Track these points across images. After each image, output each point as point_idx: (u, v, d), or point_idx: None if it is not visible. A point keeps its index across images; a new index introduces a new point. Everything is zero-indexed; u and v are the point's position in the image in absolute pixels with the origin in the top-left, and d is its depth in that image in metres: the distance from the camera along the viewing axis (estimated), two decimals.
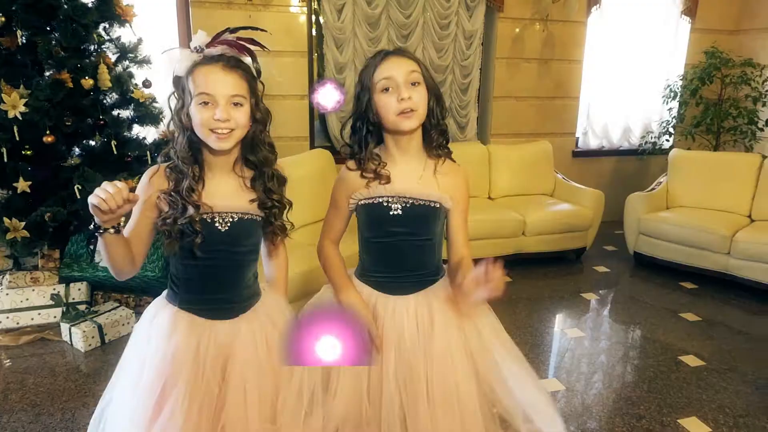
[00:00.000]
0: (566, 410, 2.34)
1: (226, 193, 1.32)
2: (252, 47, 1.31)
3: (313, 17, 4.18)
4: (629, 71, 5.01)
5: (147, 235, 1.30)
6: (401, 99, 1.30)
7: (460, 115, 4.62)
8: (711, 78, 4.60)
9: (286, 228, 1.41)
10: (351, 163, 1.43)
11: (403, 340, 1.37)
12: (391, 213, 1.38)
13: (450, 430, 1.32)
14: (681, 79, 4.91)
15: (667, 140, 5.11)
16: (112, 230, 1.14)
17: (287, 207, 1.40)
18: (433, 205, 1.38)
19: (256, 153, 1.32)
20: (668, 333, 3.09)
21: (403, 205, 1.37)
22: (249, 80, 1.26)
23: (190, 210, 1.25)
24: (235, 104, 1.22)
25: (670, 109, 4.99)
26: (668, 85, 4.92)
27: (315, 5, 4.14)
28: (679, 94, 4.85)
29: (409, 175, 1.39)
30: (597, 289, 3.75)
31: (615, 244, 4.62)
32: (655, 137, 5.08)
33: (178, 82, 1.23)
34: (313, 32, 4.21)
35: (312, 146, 4.32)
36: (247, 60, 1.29)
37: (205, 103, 1.20)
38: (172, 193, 1.26)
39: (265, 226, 1.38)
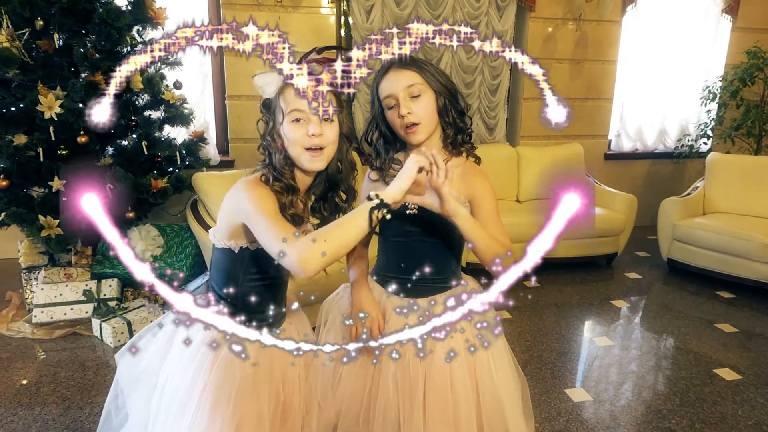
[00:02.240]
0: (593, 421, 2.28)
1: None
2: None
3: (342, 18, 4.19)
4: (666, 72, 4.87)
5: None
6: (400, 116, 1.31)
7: (488, 116, 4.56)
8: (753, 79, 4.44)
9: None
10: (373, 174, 1.46)
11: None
12: (407, 212, 1.38)
13: None
14: (721, 80, 4.75)
15: (705, 143, 4.95)
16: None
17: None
18: None
19: (339, 170, 1.29)
20: (702, 344, 2.98)
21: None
22: (336, 96, 1.20)
23: (307, 224, 1.27)
24: (325, 119, 1.19)
25: (708, 111, 4.83)
26: (707, 86, 4.76)
27: (344, 6, 4.15)
28: (718, 96, 4.69)
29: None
30: (628, 297, 3.64)
31: (648, 250, 4.50)
32: (692, 140, 4.92)
33: (269, 105, 1.21)
34: (342, 33, 4.21)
35: None
36: None
37: (298, 120, 1.17)
38: (291, 203, 1.21)
39: None
